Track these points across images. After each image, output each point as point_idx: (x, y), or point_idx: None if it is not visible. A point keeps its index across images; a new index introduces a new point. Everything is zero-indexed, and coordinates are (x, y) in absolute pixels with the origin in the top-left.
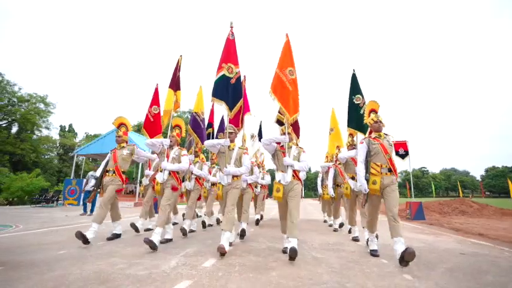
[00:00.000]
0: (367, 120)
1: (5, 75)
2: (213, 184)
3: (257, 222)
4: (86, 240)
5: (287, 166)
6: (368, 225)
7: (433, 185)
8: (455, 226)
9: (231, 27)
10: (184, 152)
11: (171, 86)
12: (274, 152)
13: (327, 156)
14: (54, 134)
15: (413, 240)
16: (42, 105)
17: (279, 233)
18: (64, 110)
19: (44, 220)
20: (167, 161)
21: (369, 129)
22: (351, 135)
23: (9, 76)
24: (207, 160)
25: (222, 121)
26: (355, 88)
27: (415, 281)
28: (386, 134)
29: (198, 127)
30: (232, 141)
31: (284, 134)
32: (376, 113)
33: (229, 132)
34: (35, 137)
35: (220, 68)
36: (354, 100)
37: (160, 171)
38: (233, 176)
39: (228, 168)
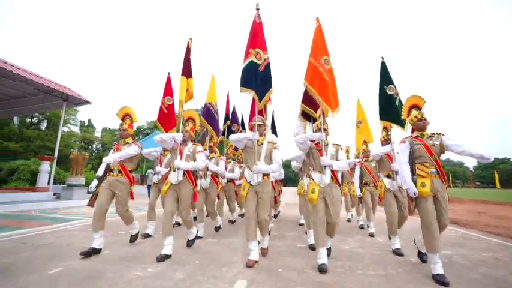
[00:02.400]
0: (406, 116)
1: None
2: (229, 181)
3: (275, 216)
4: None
5: (325, 166)
6: (426, 241)
7: None
8: None
9: (257, 9)
10: (200, 148)
11: (183, 73)
12: (308, 150)
13: (347, 151)
14: (77, 129)
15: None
16: None
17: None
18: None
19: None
20: (180, 158)
21: (406, 125)
22: (385, 128)
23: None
24: (221, 155)
25: (234, 112)
26: (385, 77)
27: None
28: (434, 134)
29: (213, 119)
30: (261, 134)
31: (319, 130)
32: (420, 109)
33: (258, 125)
34: (63, 133)
35: (247, 54)
36: (387, 90)
37: (174, 171)
38: (263, 175)
39: (258, 166)
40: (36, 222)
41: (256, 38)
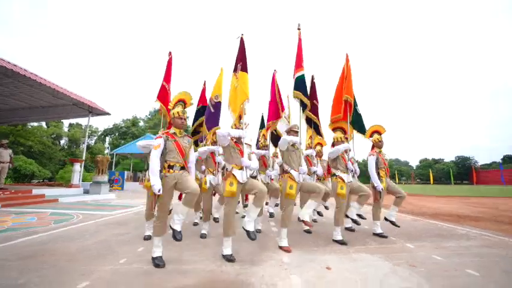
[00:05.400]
0: (368, 137)
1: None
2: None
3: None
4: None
5: (349, 169)
6: (375, 213)
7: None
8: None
9: (299, 29)
10: (251, 149)
11: (243, 69)
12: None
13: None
14: (64, 128)
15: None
16: None
17: None
18: None
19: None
20: (242, 157)
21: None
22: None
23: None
24: None
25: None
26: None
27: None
28: (384, 153)
29: (210, 114)
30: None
31: (342, 142)
32: (380, 134)
33: (296, 131)
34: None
35: (301, 66)
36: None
37: (239, 170)
38: None
39: (303, 167)
40: (110, 207)
41: (301, 55)
